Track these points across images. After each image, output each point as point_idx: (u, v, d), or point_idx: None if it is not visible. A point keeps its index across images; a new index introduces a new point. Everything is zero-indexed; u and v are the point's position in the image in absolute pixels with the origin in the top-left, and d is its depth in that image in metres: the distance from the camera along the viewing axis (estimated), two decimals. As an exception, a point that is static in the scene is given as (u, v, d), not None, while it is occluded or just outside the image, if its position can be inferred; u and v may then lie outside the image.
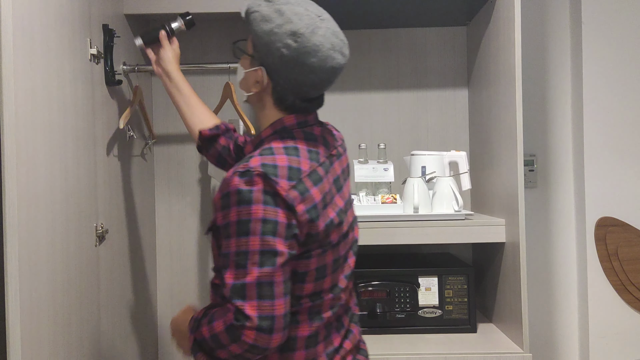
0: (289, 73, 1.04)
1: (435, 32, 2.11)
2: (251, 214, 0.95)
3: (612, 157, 2.05)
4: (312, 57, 1.02)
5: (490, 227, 1.66)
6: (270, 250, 0.95)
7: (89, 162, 1.47)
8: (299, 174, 1.00)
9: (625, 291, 2.04)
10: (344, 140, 1.21)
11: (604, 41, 2.05)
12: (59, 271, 1.26)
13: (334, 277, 1.07)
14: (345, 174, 1.15)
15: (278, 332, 0.96)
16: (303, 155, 1.04)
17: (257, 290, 0.95)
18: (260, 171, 0.96)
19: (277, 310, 0.96)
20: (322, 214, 1.01)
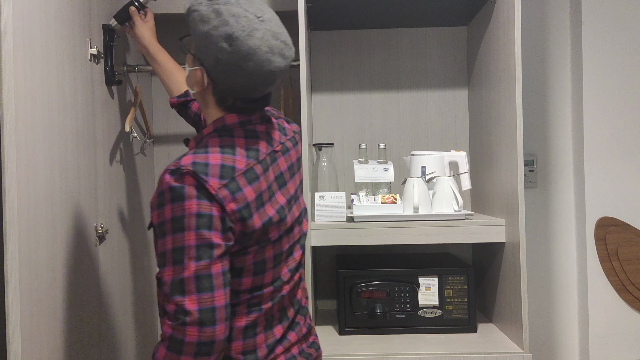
0: (225, 76, 1.02)
1: (435, 32, 2.11)
2: (185, 209, 0.95)
3: (612, 157, 2.05)
4: (247, 61, 0.99)
5: (490, 227, 1.66)
6: (206, 243, 0.95)
7: (89, 162, 1.47)
8: (232, 172, 0.99)
9: (625, 291, 2.04)
10: (298, 132, 1.21)
11: (604, 41, 2.05)
12: (59, 271, 1.26)
13: (275, 271, 1.08)
14: (293, 169, 1.15)
15: (221, 322, 0.96)
16: (240, 153, 1.03)
17: (196, 284, 0.94)
18: (190, 169, 0.96)
19: (217, 301, 0.95)
20: (256, 212, 1.01)
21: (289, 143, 1.16)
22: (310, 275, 1.63)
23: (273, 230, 1.05)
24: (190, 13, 1.04)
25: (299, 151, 1.20)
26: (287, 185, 1.12)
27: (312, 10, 1.85)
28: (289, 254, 1.12)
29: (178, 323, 0.94)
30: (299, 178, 1.18)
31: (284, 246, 1.09)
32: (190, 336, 0.93)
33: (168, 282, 0.95)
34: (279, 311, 1.11)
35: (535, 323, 2.13)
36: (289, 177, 1.13)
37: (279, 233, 1.06)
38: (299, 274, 1.19)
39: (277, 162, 1.10)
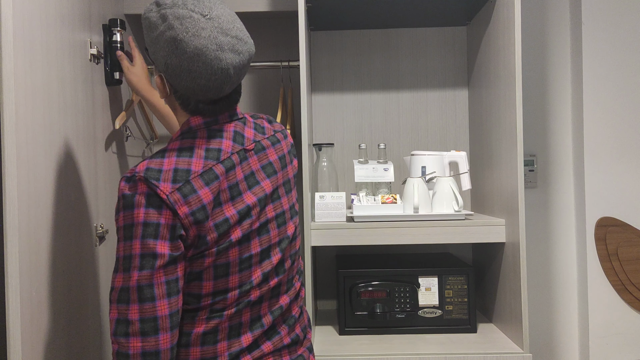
0: (178, 80, 1.00)
1: (435, 32, 2.11)
2: (133, 217, 0.95)
3: (612, 157, 2.06)
4: (195, 62, 0.97)
5: (490, 227, 1.66)
6: (150, 253, 0.95)
7: (89, 163, 1.47)
8: (186, 175, 0.98)
9: (625, 291, 2.04)
10: (281, 131, 1.18)
11: (604, 41, 2.05)
12: (59, 271, 1.26)
13: (243, 275, 1.04)
14: (271, 167, 1.11)
15: (164, 332, 0.95)
16: (197, 155, 1.01)
17: (138, 294, 0.94)
18: (141, 176, 0.96)
19: (159, 311, 0.95)
20: (214, 213, 0.99)
21: (267, 142, 1.13)
22: (310, 275, 1.63)
23: (235, 231, 1.02)
24: (142, 21, 1.04)
25: (282, 149, 1.16)
26: (262, 184, 1.08)
27: (312, 10, 1.85)
28: (265, 257, 1.07)
29: (121, 335, 0.94)
30: (282, 177, 1.14)
31: (254, 248, 1.05)
32: (134, 348, 0.93)
33: (117, 288, 0.96)
34: (250, 318, 1.07)
35: (535, 323, 2.13)
36: (264, 176, 1.09)
37: (242, 233, 1.03)
38: (282, 279, 1.13)
39: (248, 161, 1.07)
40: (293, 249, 1.16)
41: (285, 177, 1.14)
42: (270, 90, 2.10)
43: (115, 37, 1.64)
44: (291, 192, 1.16)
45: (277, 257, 1.10)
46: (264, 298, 1.09)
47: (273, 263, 1.09)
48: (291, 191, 1.16)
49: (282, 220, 1.11)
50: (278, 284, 1.11)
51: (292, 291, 1.17)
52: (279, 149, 1.15)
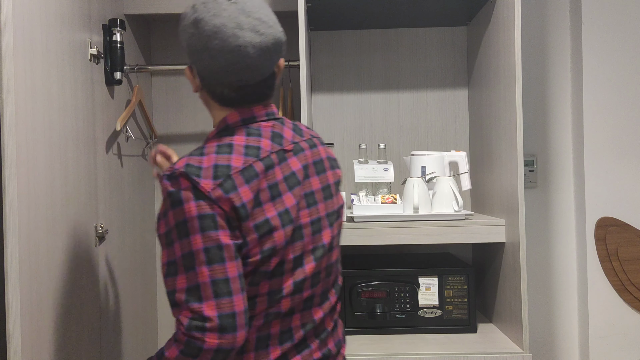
0: (199, 62, 0.99)
1: (435, 32, 2.11)
2: (185, 213, 0.91)
3: (612, 157, 2.05)
4: (213, 40, 0.96)
5: (490, 227, 1.66)
6: (215, 245, 0.91)
7: (89, 163, 1.47)
8: (227, 170, 0.94)
9: (625, 291, 2.04)
10: (318, 137, 1.14)
11: (604, 41, 2.05)
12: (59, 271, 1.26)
13: (273, 282, 0.99)
14: (307, 171, 1.06)
15: (241, 329, 0.92)
16: (237, 151, 0.97)
17: (213, 289, 0.90)
18: (182, 171, 0.93)
19: (237, 306, 0.91)
20: (254, 213, 0.95)
21: (305, 144, 1.08)
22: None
23: (278, 234, 0.97)
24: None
25: (320, 154, 1.10)
26: (302, 185, 1.03)
27: (312, 10, 1.85)
28: (297, 265, 1.01)
29: (197, 330, 0.90)
30: (320, 182, 1.07)
31: (288, 254, 0.99)
32: (210, 343, 0.89)
33: (183, 289, 0.91)
34: (280, 331, 1.02)
35: (535, 323, 2.13)
36: (303, 178, 1.04)
37: (286, 238, 0.98)
38: (316, 291, 1.06)
39: (288, 162, 1.02)
40: (329, 260, 1.09)
41: (324, 183, 1.08)
42: (270, 90, 2.10)
43: (115, 37, 1.64)
44: (331, 199, 1.09)
45: (311, 266, 1.03)
46: (295, 310, 1.03)
47: (306, 272, 1.02)
48: (331, 198, 1.09)
49: (317, 227, 1.05)
50: (311, 295, 1.05)
51: (326, 305, 1.10)
52: (316, 153, 1.10)
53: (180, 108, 2.11)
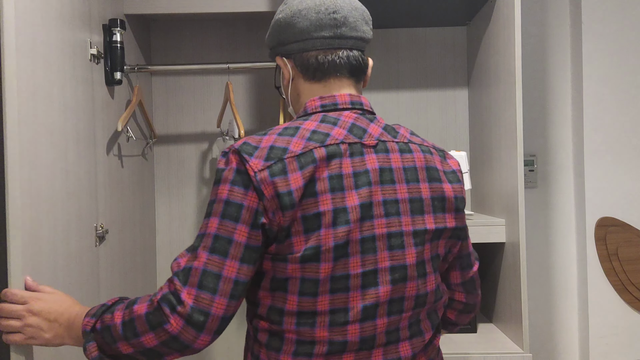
0: (291, 28, 0.97)
1: (435, 32, 2.11)
2: (217, 193, 0.86)
3: (612, 157, 2.06)
4: (303, 2, 0.97)
5: (490, 227, 1.66)
6: (226, 237, 0.84)
7: (89, 163, 1.47)
8: (282, 153, 0.86)
9: (625, 291, 2.04)
10: (422, 145, 0.98)
11: (604, 41, 2.05)
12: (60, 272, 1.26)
13: (336, 298, 0.87)
14: (389, 174, 0.91)
15: (208, 333, 0.83)
16: (301, 135, 0.89)
17: (200, 278, 0.83)
18: (236, 148, 0.87)
19: (214, 309, 0.82)
20: (304, 204, 0.85)
21: (395, 145, 0.94)
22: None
23: (327, 235, 0.85)
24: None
25: (415, 161, 0.95)
26: (373, 189, 0.89)
27: (312, 10, 1.84)
28: (369, 284, 0.88)
29: (168, 304, 0.83)
30: (407, 192, 0.92)
31: (354, 267, 0.86)
32: (172, 325, 0.82)
33: (180, 263, 0.86)
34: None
35: (535, 323, 2.13)
36: (379, 181, 0.90)
37: (336, 241, 0.85)
38: (396, 321, 0.91)
39: (364, 158, 0.90)
40: (422, 289, 0.93)
41: (413, 194, 0.93)
42: (271, 91, 2.10)
43: (115, 37, 1.64)
44: (423, 215, 0.93)
45: (386, 289, 0.89)
46: (373, 343, 0.89)
47: (379, 296, 0.88)
48: (422, 214, 0.93)
49: (397, 242, 0.90)
50: (393, 328, 0.91)
51: (418, 340, 0.95)
52: (409, 159, 0.95)
53: (180, 108, 2.11)
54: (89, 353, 0.88)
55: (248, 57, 2.08)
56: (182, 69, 1.85)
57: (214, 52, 2.09)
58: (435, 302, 0.97)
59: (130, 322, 0.85)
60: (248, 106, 2.10)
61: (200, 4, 1.84)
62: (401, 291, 0.90)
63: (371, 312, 0.88)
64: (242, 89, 2.10)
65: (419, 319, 0.95)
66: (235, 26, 2.08)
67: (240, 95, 2.10)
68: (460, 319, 1.16)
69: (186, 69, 1.84)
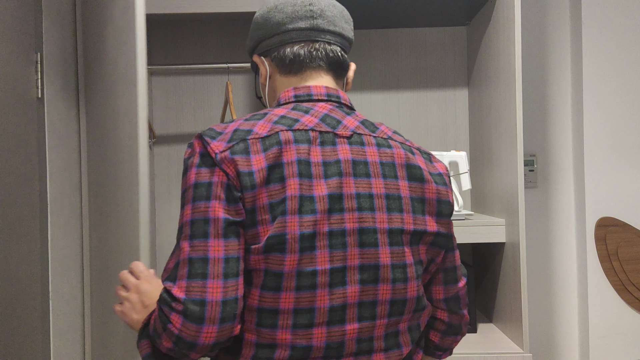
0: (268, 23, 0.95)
1: (435, 32, 2.11)
2: (186, 182, 0.81)
3: (612, 157, 2.05)
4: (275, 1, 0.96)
5: (490, 227, 1.66)
6: (201, 218, 0.78)
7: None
8: (245, 134, 0.82)
9: (625, 291, 2.04)
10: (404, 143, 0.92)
11: (604, 41, 2.05)
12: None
13: (302, 296, 0.79)
14: (363, 168, 0.85)
15: (210, 324, 0.75)
16: (268, 119, 0.84)
17: (188, 268, 0.76)
18: (199, 134, 0.84)
19: (209, 294, 0.75)
20: (271, 189, 0.79)
21: (370, 139, 0.88)
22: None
23: (292, 222, 0.78)
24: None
25: (393, 157, 0.88)
26: (343, 180, 0.83)
27: (312, 10, 1.84)
28: (337, 282, 0.81)
29: (165, 304, 0.78)
30: (383, 187, 0.86)
31: (321, 262, 0.80)
32: (174, 325, 0.76)
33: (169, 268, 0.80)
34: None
35: (535, 323, 2.13)
36: (351, 173, 0.84)
37: (301, 231, 0.79)
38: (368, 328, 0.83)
39: (336, 148, 0.85)
40: (398, 294, 0.85)
41: (391, 190, 0.86)
42: (270, 90, 2.10)
43: None
44: (401, 214, 0.86)
45: (354, 289, 0.82)
46: (341, 351, 0.82)
47: (347, 296, 0.81)
48: (402, 212, 0.86)
49: (370, 239, 0.83)
50: (366, 337, 0.83)
51: (394, 353, 0.86)
52: (387, 154, 0.88)
53: (180, 108, 2.11)
54: (141, 350, 0.84)
55: (248, 57, 2.08)
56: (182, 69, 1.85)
57: (214, 52, 2.09)
58: (417, 312, 0.89)
59: (154, 324, 0.81)
60: (248, 106, 2.10)
61: (200, 4, 1.84)
62: (372, 294, 0.83)
63: (339, 315, 0.81)
64: (242, 89, 2.10)
65: (397, 330, 0.87)
66: (235, 26, 2.08)
67: (240, 96, 2.10)
68: (444, 342, 1.02)
69: (186, 69, 1.83)
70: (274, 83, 0.97)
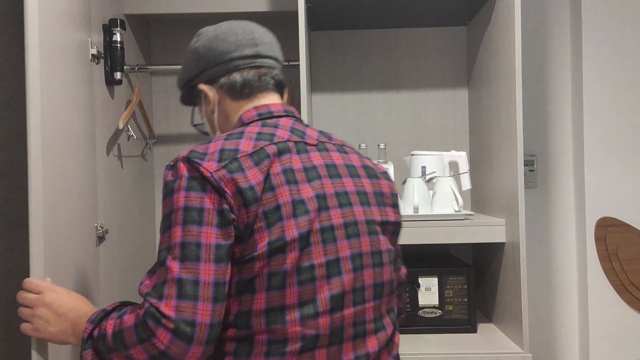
0: (212, 53, 1.02)
1: (435, 32, 2.11)
2: (173, 204, 0.84)
3: (612, 157, 2.05)
4: (220, 28, 1.04)
5: (490, 227, 1.66)
6: (194, 241, 0.81)
7: (89, 162, 1.47)
8: (234, 153, 0.87)
9: (625, 291, 2.04)
10: (350, 147, 1.06)
11: (604, 41, 2.05)
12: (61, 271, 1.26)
13: (304, 289, 0.86)
14: (334, 170, 0.96)
15: (199, 344, 0.79)
16: (247, 137, 0.91)
17: (177, 289, 0.79)
18: (184, 156, 0.87)
19: (199, 316, 0.79)
20: (264, 199, 0.85)
21: (332, 146, 1.01)
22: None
23: (289, 226, 0.85)
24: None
25: (351, 161, 1.01)
26: (323, 181, 0.93)
27: (312, 10, 1.85)
28: (333, 272, 0.88)
29: (152, 318, 0.80)
30: (353, 185, 0.97)
31: (317, 257, 0.87)
32: (160, 341, 0.79)
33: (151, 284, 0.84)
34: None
35: (535, 323, 2.13)
36: (327, 174, 0.94)
37: (299, 231, 0.86)
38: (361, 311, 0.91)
39: (309, 155, 0.94)
40: (378, 277, 0.95)
41: (359, 187, 0.98)
42: (270, 90, 2.10)
43: (115, 37, 1.64)
44: (369, 207, 0.97)
45: (350, 277, 0.90)
46: (342, 336, 0.89)
47: (344, 284, 0.89)
48: (369, 206, 0.97)
49: (353, 231, 0.93)
50: (360, 320, 0.92)
51: (382, 334, 0.95)
52: (347, 158, 1.01)
53: (180, 108, 2.11)
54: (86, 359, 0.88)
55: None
56: (182, 69, 1.85)
57: (214, 52, 2.09)
58: (391, 295, 1.00)
59: (120, 333, 0.83)
60: (248, 106, 2.10)
61: (200, 4, 1.84)
62: (361, 279, 0.92)
63: (339, 301, 0.88)
64: (242, 89, 2.10)
65: (381, 313, 0.96)
66: (235, 26, 2.08)
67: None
68: None
69: (186, 69, 1.84)
70: (225, 108, 1.04)
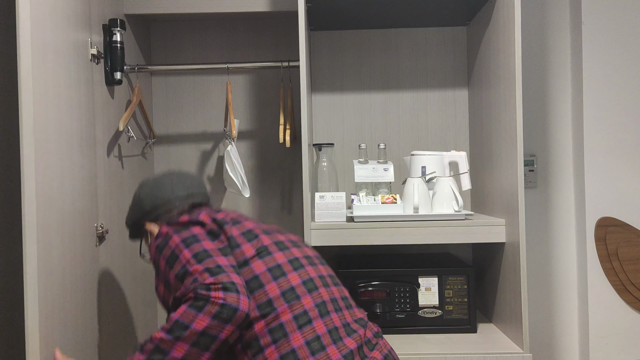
0: (160, 200, 1.32)
1: (435, 32, 2.11)
2: (172, 245, 1.15)
3: (612, 157, 2.06)
4: (164, 177, 1.35)
5: (490, 227, 1.66)
6: (201, 250, 1.10)
7: (89, 163, 1.47)
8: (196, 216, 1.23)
9: (625, 291, 2.04)
10: None
11: (604, 41, 2.05)
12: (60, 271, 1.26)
13: (280, 281, 1.13)
14: None
15: (244, 294, 1.03)
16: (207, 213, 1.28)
17: (208, 272, 1.04)
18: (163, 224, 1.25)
19: (234, 278, 1.04)
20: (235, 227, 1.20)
21: None
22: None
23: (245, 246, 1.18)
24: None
25: None
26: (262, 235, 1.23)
27: (312, 10, 1.85)
28: (297, 266, 1.17)
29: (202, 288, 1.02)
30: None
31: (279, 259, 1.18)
32: (215, 297, 1.01)
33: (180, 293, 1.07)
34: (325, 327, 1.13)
35: (535, 323, 2.13)
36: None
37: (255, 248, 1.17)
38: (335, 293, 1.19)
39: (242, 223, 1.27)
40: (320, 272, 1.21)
41: None
42: (270, 91, 2.10)
43: (115, 37, 1.64)
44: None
45: (310, 269, 1.19)
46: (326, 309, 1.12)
47: (308, 272, 1.17)
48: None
49: (293, 239, 1.27)
50: (336, 297, 1.16)
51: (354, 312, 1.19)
52: None
53: (180, 108, 2.11)
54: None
55: (248, 57, 2.08)
56: (182, 68, 1.85)
57: (214, 52, 2.10)
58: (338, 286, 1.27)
59: (175, 324, 1.01)
60: (248, 106, 2.10)
61: (200, 4, 1.84)
62: (316, 271, 1.19)
63: (310, 284, 1.14)
64: (242, 89, 2.10)
65: (344, 295, 1.20)
66: (235, 26, 2.08)
67: (240, 95, 2.10)
68: None
69: (186, 69, 1.84)
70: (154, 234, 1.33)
